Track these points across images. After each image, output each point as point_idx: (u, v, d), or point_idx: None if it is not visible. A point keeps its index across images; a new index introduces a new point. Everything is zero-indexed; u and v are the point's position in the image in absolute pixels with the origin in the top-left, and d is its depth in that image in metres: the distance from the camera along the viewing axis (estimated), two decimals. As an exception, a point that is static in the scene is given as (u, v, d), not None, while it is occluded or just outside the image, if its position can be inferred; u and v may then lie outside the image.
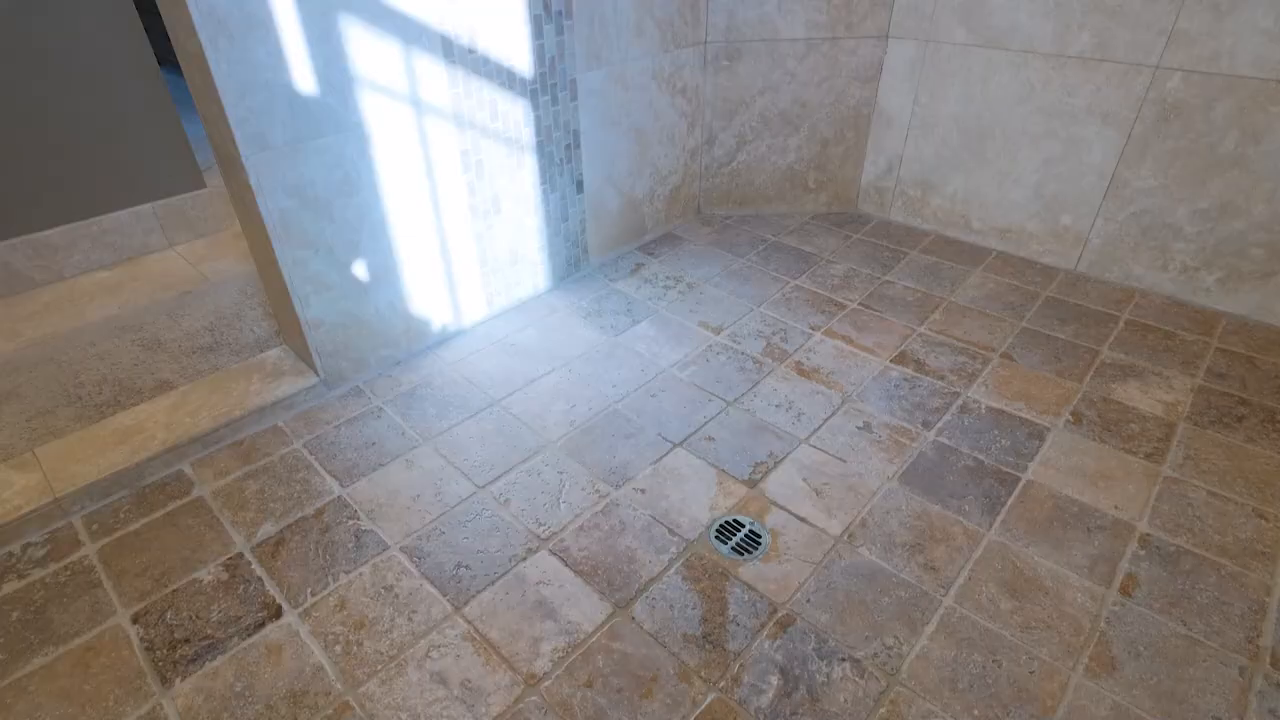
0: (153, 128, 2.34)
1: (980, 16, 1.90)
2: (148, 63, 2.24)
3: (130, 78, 2.20)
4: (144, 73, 2.23)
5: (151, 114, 2.31)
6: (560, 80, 1.77)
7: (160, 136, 2.38)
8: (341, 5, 1.32)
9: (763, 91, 2.18)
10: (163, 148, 2.40)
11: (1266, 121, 1.59)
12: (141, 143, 2.34)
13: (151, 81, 2.27)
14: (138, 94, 2.24)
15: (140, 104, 2.26)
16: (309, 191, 1.42)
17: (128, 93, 2.23)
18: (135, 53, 2.18)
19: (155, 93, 2.31)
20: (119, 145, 2.29)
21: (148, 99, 2.29)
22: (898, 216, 2.34)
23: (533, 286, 2.00)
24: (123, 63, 2.17)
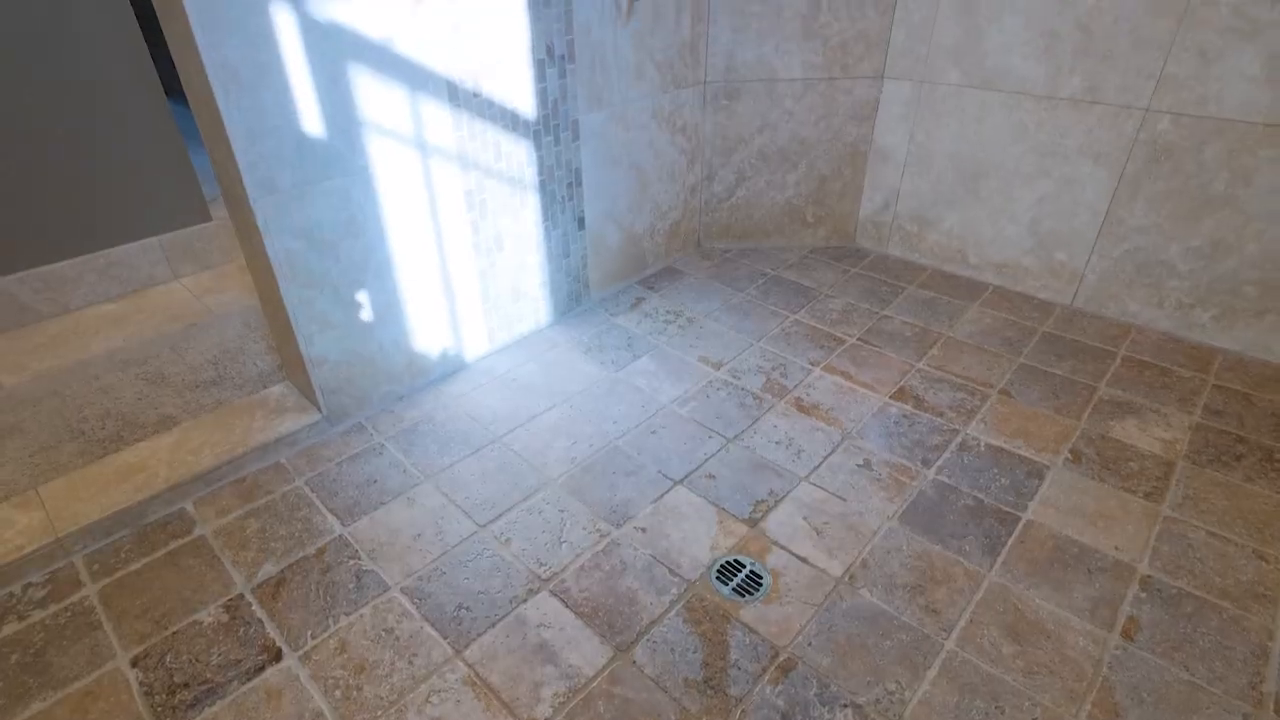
0: (161, 161, 2.38)
1: (973, 59, 1.95)
2: (156, 96, 2.28)
3: (139, 111, 2.25)
4: (152, 106, 2.28)
5: (160, 147, 2.35)
6: (563, 121, 1.81)
7: (168, 170, 2.41)
8: (350, 54, 1.36)
9: (761, 129, 2.22)
10: (170, 181, 2.44)
11: (1255, 164, 1.62)
12: (150, 176, 2.37)
13: (159, 115, 2.32)
14: (146, 127, 2.28)
15: (149, 137, 2.30)
16: (315, 233, 1.45)
17: (136, 126, 2.27)
18: (144, 86, 2.23)
19: (163, 126, 2.35)
20: (127, 178, 2.32)
21: (156, 132, 2.33)
22: (895, 251, 2.37)
23: (534, 321, 2.02)
24: (131, 96, 2.21)
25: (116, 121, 2.22)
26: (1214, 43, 1.59)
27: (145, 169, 2.35)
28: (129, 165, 2.31)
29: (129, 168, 2.31)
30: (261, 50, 1.25)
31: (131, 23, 2.15)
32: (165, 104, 2.31)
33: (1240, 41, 1.56)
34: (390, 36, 1.40)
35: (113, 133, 2.23)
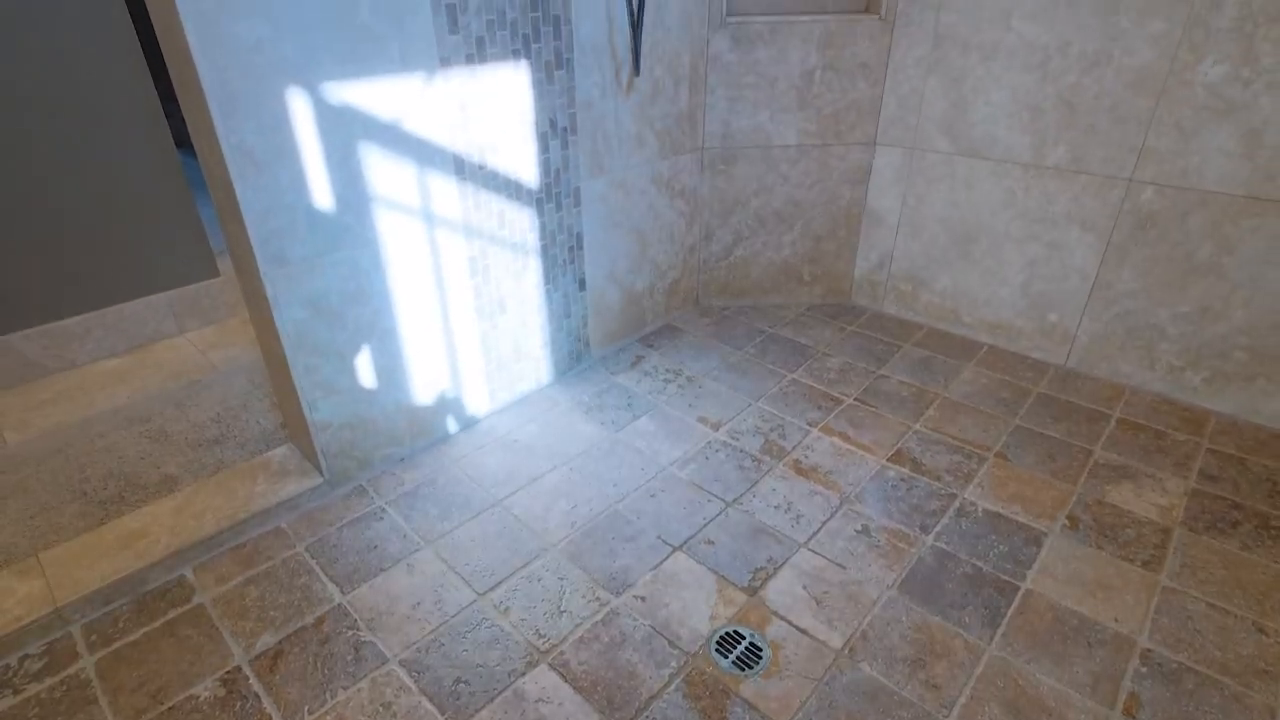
0: (170, 217, 2.44)
1: (961, 129, 2.02)
2: (167, 151, 2.35)
3: (150, 168, 2.31)
4: (163, 163, 2.34)
5: (170, 204, 2.41)
6: (565, 189, 1.86)
7: (178, 226, 2.47)
8: (361, 133, 1.42)
9: (757, 192, 2.29)
10: (180, 237, 2.49)
11: (1238, 234, 1.67)
12: (159, 232, 2.43)
13: (170, 172, 2.38)
14: (157, 185, 2.34)
15: (159, 195, 2.36)
16: (323, 302, 1.48)
17: (147, 184, 2.33)
18: (155, 141, 2.29)
19: (173, 183, 2.41)
20: (138, 235, 2.37)
21: (166, 190, 2.39)
22: (891, 309, 2.41)
23: (535, 381, 2.04)
24: (142, 153, 2.27)
25: (127, 179, 2.28)
26: (1191, 119, 1.65)
27: (155, 226, 2.41)
28: (139, 222, 2.36)
29: (139, 224, 2.37)
30: (277, 133, 1.30)
31: (145, 78, 2.22)
32: (177, 160, 2.37)
33: (1216, 119, 1.62)
34: (400, 116, 1.46)
35: (124, 190, 2.29)
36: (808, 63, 2.08)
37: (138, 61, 2.19)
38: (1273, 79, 1.53)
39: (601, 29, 1.77)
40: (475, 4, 1.50)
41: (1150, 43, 1.65)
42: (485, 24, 1.53)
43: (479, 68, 1.56)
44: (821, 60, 2.08)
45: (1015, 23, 1.83)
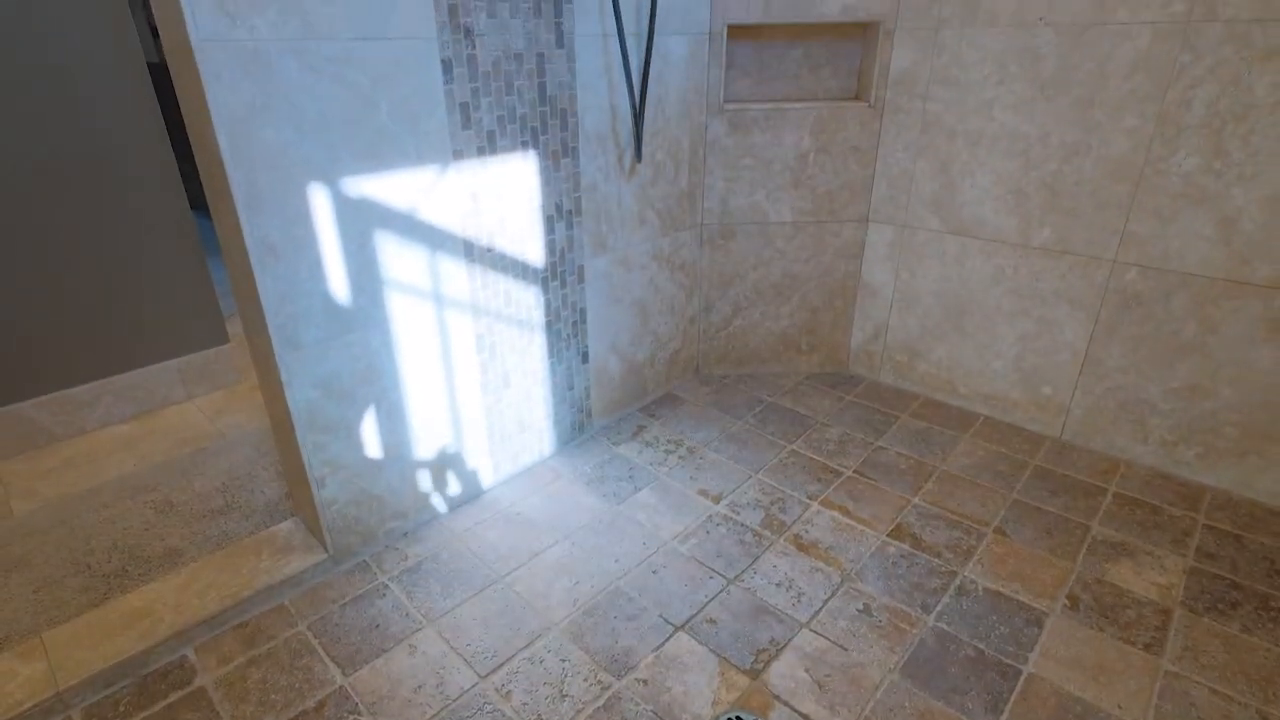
0: (184, 285, 2.50)
1: (950, 209, 2.10)
2: (184, 218, 2.43)
3: (166, 235, 2.39)
4: (180, 230, 2.42)
5: (184, 272, 2.48)
6: (569, 267, 1.93)
7: (191, 293, 2.53)
8: (377, 223, 1.49)
9: (755, 266, 2.36)
10: (192, 305, 2.55)
11: (1219, 315, 1.73)
12: (173, 300, 2.49)
13: (186, 238, 2.45)
14: (173, 252, 2.42)
15: (174, 262, 2.43)
16: (334, 383, 1.53)
17: (163, 251, 2.40)
18: (172, 208, 2.37)
19: (188, 250, 2.48)
20: (151, 302, 2.43)
21: (181, 257, 2.46)
22: (887, 379, 2.45)
23: (538, 452, 2.07)
24: (159, 218, 2.35)
25: (143, 246, 2.35)
26: (1169, 206, 1.73)
27: (169, 293, 2.47)
28: (154, 290, 2.43)
29: (154, 292, 2.43)
30: (298, 226, 1.37)
31: (164, 144, 2.31)
32: (193, 228, 2.45)
33: (1192, 206, 1.70)
34: (414, 206, 1.54)
35: (140, 258, 2.36)
36: (801, 146, 2.18)
37: (157, 125, 2.28)
38: (1242, 172, 1.61)
39: (605, 120, 1.87)
40: (487, 102, 1.59)
41: (1125, 135, 1.74)
42: (496, 119, 1.63)
43: (490, 158, 1.64)
44: (815, 144, 2.18)
45: (997, 113, 1.93)
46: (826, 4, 2.02)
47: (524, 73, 1.64)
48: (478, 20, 1.52)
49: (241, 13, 1.19)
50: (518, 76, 1.63)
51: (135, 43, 2.16)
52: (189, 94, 1.26)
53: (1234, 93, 1.58)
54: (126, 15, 2.11)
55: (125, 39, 2.12)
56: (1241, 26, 1.54)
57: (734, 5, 2.02)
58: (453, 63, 1.51)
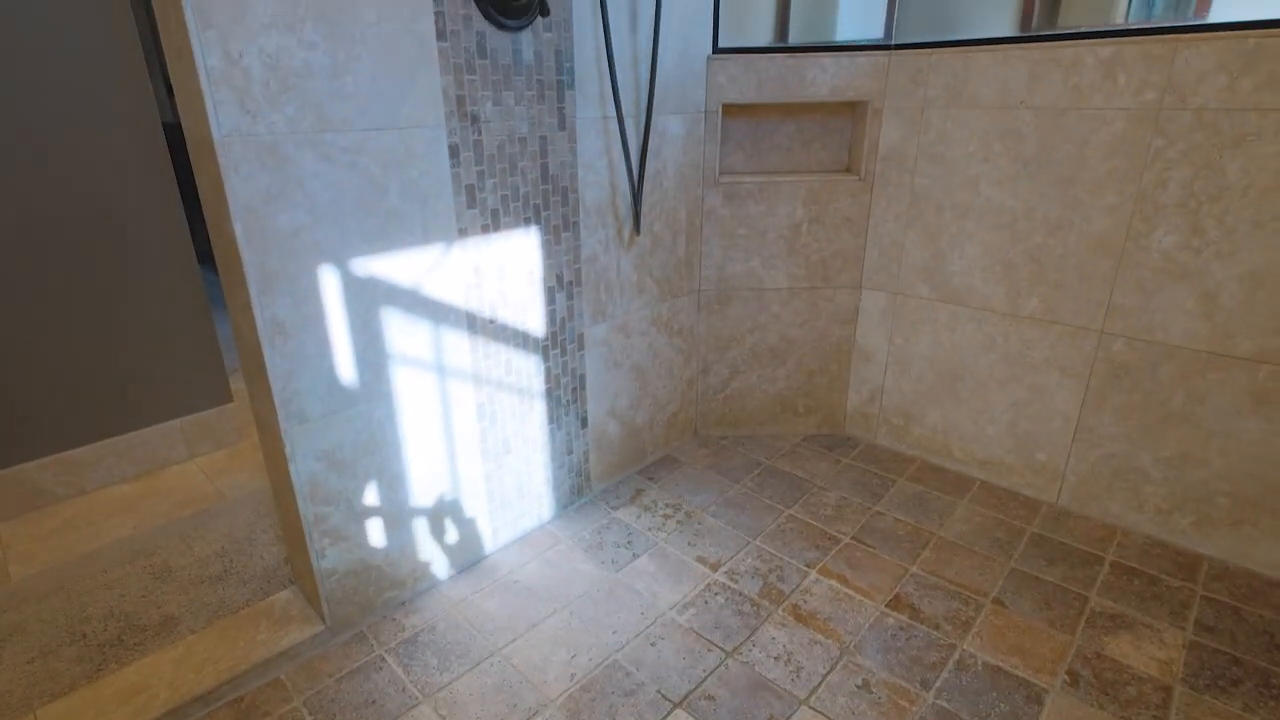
0: (190, 344, 2.54)
1: (941, 278, 2.16)
2: (191, 278, 2.48)
3: (174, 296, 2.43)
4: (187, 289, 2.47)
5: (191, 332, 2.52)
6: (569, 335, 1.98)
7: (197, 353, 2.57)
8: (383, 299, 1.54)
9: (751, 330, 2.41)
10: (197, 364, 2.59)
11: (1206, 386, 1.76)
12: (178, 360, 2.53)
13: (194, 297, 2.50)
14: (180, 313, 2.46)
15: (181, 323, 2.47)
16: (336, 454, 1.55)
17: (170, 311, 2.44)
18: (180, 268, 2.42)
19: (196, 310, 2.53)
20: (157, 363, 2.47)
21: (189, 318, 2.50)
22: (884, 441, 2.47)
23: (537, 517, 2.08)
24: (167, 278, 2.40)
25: (151, 307, 2.40)
26: (1151, 280, 1.78)
27: (175, 354, 2.51)
28: (160, 351, 2.47)
29: (159, 353, 2.47)
30: (307, 305, 1.42)
31: (175, 206, 2.37)
32: (201, 286, 2.50)
33: (1173, 281, 1.75)
34: (419, 283, 1.59)
35: (147, 319, 2.40)
36: (794, 216, 2.26)
37: (169, 187, 2.35)
38: (1219, 249, 1.67)
39: (605, 195, 1.94)
40: (492, 183, 1.66)
41: (1106, 212, 1.81)
42: (500, 198, 1.70)
43: (493, 235, 1.71)
44: (807, 214, 2.26)
45: (983, 188, 2.00)
46: (816, 85, 2.12)
47: (527, 155, 1.72)
48: (484, 108, 1.60)
49: (262, 110, 1.27)
50: (521, 158, 1.71)
51: (151, 102, 2.24)
52: (208, 184, 1.33)
53: (1207, 175, 1.65)
54: (144, 74, 2.20)
55: (142, 98, 2.21)
56: (1210, 115, 1.62)
57: (728, 86, 2.12)
58: (460, 147, 1.58)
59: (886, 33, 3.36)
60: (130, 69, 2.17)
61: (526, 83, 1.66)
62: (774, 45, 2.18)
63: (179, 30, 1.20)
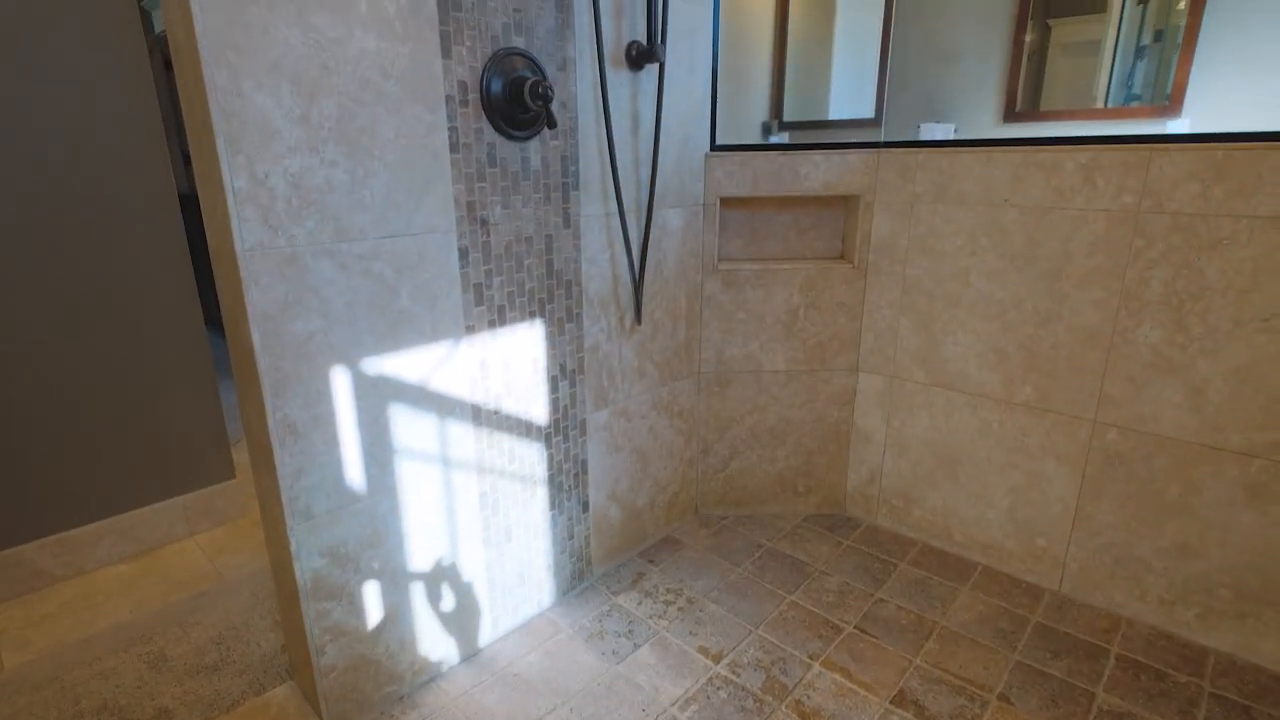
0: (196, 421, 2.57)
1: (935, 364, 2.21)
2: (201, 354, 2.52)
3: (181, 372, 2.47)
4: (196, 366, 2.50)
5: (196, 408, 2.55)
6: (571, 422, 2.01)
7: (202, 429, 2.60)
8: (392, 396, 1.58)
9: (751, 411, 2.45)
10: (202, 440, 2.61)
11: (1200, 478, 1.78)
12: (183, 437, 2.55)
13: (200, 371, 2.54)
14: (187, 389, 2.50)
15: (188, 399, 2.51)
16: (340, 550, 1.56)
17: (176, 388, 2.48)
18: (190, 344, 2.47)
19: (203, 385, 2.56)
20: (161, 440, 2.49)
21: (195, 394, 2.54)
22: (884, 522, 2.48)
23: (537, 604, 2.07)
24: (176, 353, 2.44)
25: (158, 384, 2.43)
26: (1140, 373, 1.83)
27: (181, 430, 2.54)
28: (165, 428, 2.49)
29: (164, 430, 2.50)
30: (317, 405, 1.46)
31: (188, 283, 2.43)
32: (210, 362, 2.54)
33: (1161, 375, 1.80)
34: (426, 379, 1.63)
35: (153, 397, 2.43)
36: (791, 302, 2.32)
37: (183, 263, 2.41)
38: (1204, 346, 1.72)
39: (608, 286, 2.01)
40: (499, 280, 1.73)
41: (1093, 307, 1.87)
42: (506, 295, 1.76)
43: (499, 329, 1.76)
44: (804, 300, 2.32)
45: (973, 279, 2.07)
46: (809, 180, 2.22)
47: (533, 252, 1.79)
48: (493, 212, 1.68)
49: (283, 225, 1.33)
50: (528, 256, 1.78)
51: (170, 177, 2.34)
52: (229, 294, 1.39)
53: (1188, 275, 1.72)
54: (162, 145, 2.30)
55: (159, 169, 2.30)
56: (1186, 219, 1.69)
57: (725, 181, 2.22)
58: (469, 249, 1.65)
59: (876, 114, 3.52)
60: (150, 140, 2.26)
61: (534, 186, 1.75)
62: (768, 143, 2.29)
63: (210, 155, 1.27)
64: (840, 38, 3.56)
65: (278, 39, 1.27)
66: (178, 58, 1.28)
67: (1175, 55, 2.35)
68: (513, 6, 1.61)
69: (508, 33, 1.61)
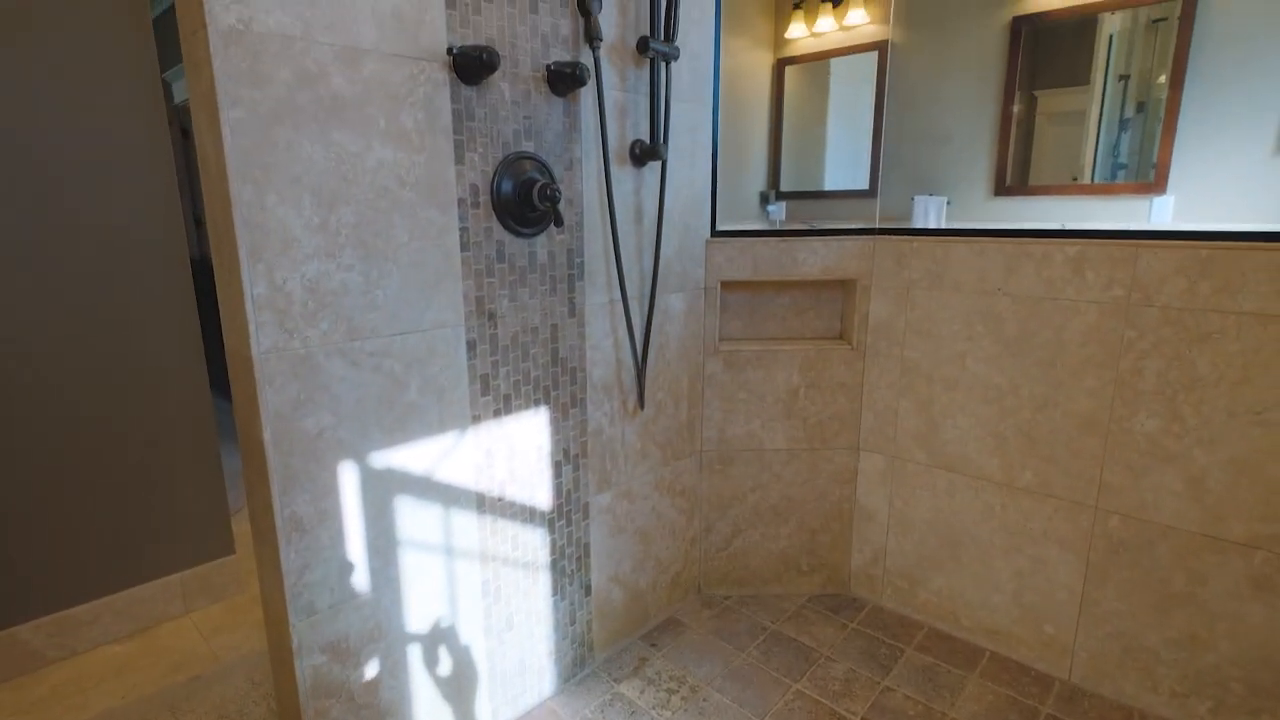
0: (198, 498, 2.56)
1: (935, 445, 2.23)
2: (206, 428, 2.53)
3: (185, 447, 2.47)
4: (199, 439, 2.51)
5: (199, 486, 2.55)
6: (574, 506, 2.02)
7: (203, 506, 2.59)
8: (397, 488, 1.59)
9: (753, 489, 2.45)
10: (204, 517, 2.60)
11: (1205, 569, 1.78)
12: (184, 513, 2.54)
13: (205, 447, 2.54)
14: (189, 465, 2.50)
15: (190, 475, 2.51)
16: (342, 645, 1.55)
17: (179, 465, 2.48)
18: (196, 418, 2.48)
19: (206, 462, 2.57)
20: (161, 516, 2.48)
21: (198, 471, 2.54)
22: (890, 604, 2.45)
23: (538, 694, 2.03)
24: (181, 427, 2.45)
25: (161, 460, 2.44)
26: (1138, 461, 1.85)
27: (182, 507, 2.53)
28: (167, 504, 2.49)
29: (167, 506, 2.49)
30: (324, 500, 1.47)
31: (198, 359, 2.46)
32: (214, 438, 2.55)
33: (1159, 464, 1.81)
34: (432, 469, 1.65)
35: (156, 472, 2.44)
36: (792, 381, 2.36)
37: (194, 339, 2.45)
38: (1200, 436, 1.75)
39: (611, 371, 2.05)
40: (505, 371, 1.77)
41: (1088, 395, 1.90)
42: (513, 384, 1.79)
43: (505, 418, 1.79)
44: (804, 380, 2.36)
45: (969, 364, 2.11)
46: (807, 265, 2.28)
47: (539, 341, 1.83)
48: (500, 305, 1.73)
49: (299, 328, 1.38)
50: (533, 345, 1.82)
51: (183, 242, 2.39)
52: (243, 393, 1.42)
53: (1179, 366, 1.75)
54: (178, 213, 2.37)
55: (174, 236, 2.36)
56: (1174, 313, 1.74)
57: (726, 265, 2.28)
58: (477, 341, 1.69)
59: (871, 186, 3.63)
60: (167, 211, 2.33)
61: (540, 279, 1.81)
62: (767, 229, 2.37)
63: (231, 263, 1.33)
64: (834, 113, 3.71)
65: (301, 155, 1.34)
66: (206, 172, 1.35)
67: (1158, 127, 2.45)
68: (523, 114, 1.69)
69: (518, 138, 1.69)
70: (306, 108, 1.33)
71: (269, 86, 1.28)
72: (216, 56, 1.21)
